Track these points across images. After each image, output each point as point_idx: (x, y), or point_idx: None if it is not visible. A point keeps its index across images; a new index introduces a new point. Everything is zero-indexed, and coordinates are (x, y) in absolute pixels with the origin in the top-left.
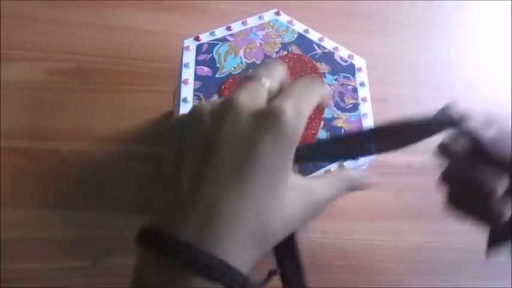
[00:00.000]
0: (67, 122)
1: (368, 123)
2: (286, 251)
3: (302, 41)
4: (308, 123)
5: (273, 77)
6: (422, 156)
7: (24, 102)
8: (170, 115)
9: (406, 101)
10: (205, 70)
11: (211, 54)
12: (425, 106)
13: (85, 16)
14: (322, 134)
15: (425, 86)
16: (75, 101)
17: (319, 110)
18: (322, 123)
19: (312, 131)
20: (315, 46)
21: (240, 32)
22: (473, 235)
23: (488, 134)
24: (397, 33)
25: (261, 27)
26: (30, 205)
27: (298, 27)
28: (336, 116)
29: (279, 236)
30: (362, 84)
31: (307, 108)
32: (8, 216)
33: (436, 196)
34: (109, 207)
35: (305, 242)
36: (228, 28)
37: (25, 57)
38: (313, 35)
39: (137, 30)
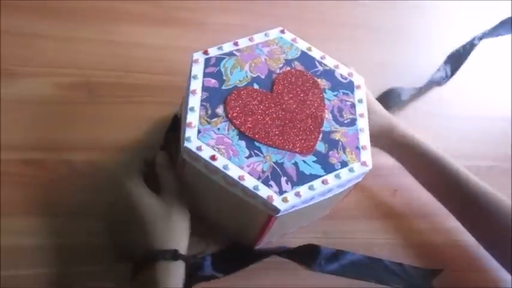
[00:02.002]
0: (77, 134)
1: (364, 137)
2: None
3: (305, 58)
4: (307, 135)
5: None
6: None
7: (36, 115)
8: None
9: None
10: (213, 82)
11: (218, 68)
12: (413, 109)
13: (91, 32)
14: (320, 146)
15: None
16: (84, 114)
17: (317, 122)
18: (320, 135)
19: (311, 143)
20: (317, 63)
21: (246, 47)
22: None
23: None
24: (386, 41)
25: (267, 43)
26: (44, 213)
27: (302, 45)
28: (334, 129)
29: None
30: (360, 100)
31: None
32: (22, 225)
33: (427, 195)
34: None
35: (307, 242)
36: (235, 44)
37: (35, 73)
38: (316, 53)
39: (141, 45)
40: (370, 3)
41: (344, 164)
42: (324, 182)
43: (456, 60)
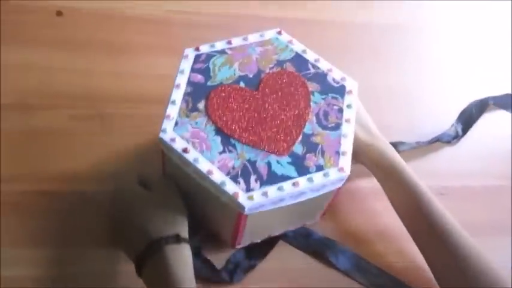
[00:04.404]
0: (90, 164)
1: (347, 143)
2: None
3: (298, 60)
4: (286, 136)
5: None
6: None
7: (50, 147)
8: None
9: (400, 127)
10: (199, 77)
11: (207, 64)
12: (419, 132)
13: (104, 65)
14: (297, 148)
15: (415, 111)
16: (97, 145)
17: (299, 124)
18: (300, 137)
19: (288, 144)
20: (310, 66)
21: (239, 46)
22: None
23: None
24: (390, 64)
25: (261, 43)
26: (59, 244)
27: (297, 46)
28: (315, 132)
29: None
30: (349, 106)
31: None
32: (36, 255)
33: None
34: None
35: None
36: (229, 42)
37: (50, 106)
38: (310, 56)
39: (152, 76)
40: (375, 27)
41: (319, 168)
42: (295, 185)
43: (468, 118)
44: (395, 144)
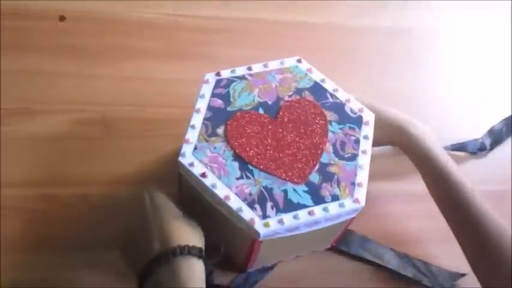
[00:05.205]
0: (94, 168)
1: (363, 174)
2: None
3: (316, 89)
4: (303, 164)
5: None
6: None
7: (53, 151)
8: None
9: None
10: (219, 102)
11: (227, 89)
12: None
13: (106, 69)
14: (314, 177)
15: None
16: (101, 148)
17: (316, 153)
18: (317, 167)
19: (305, 172)
20: (328, 95)
21: (259, 73)
22: None
23: None
24: (393, 69)
25: (281, 71)
26: (62, 248)
27: (316, 75)
28: (332, 162)
29: None
30: (366, 137)
31: None
32: (40, 260)
33: (441, 220)
34: None
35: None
36: (249, 68)
37: (52, 111)
38: (329, 85)
39: (154, 80)
40: (381, 32)
41: (335, 198)
42: (311, 213)
43: (498, 136)
44: None
